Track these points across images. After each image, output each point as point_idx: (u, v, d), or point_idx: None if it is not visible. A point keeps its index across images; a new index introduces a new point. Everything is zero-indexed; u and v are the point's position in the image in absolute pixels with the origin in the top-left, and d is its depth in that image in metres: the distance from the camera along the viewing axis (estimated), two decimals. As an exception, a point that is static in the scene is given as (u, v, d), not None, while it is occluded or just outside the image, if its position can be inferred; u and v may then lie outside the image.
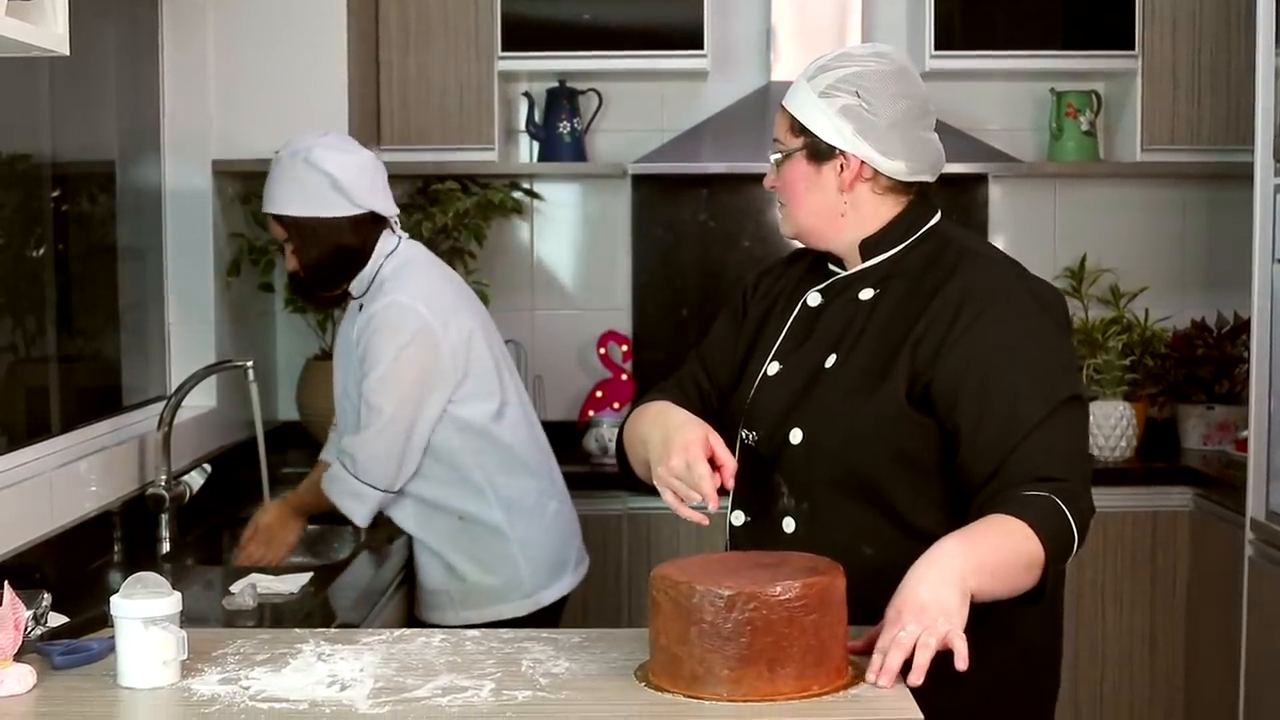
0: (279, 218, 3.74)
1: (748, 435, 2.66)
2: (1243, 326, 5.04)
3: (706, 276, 5.46)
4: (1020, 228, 5.45)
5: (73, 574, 3.39)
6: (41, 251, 3.68)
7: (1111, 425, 5.03)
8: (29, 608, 2.41)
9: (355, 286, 3.81)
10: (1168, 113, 5.07)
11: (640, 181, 5.41)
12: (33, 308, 3.63)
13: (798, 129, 2.63)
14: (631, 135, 5.36)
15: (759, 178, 5.23)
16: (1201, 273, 5.44)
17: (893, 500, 2.54)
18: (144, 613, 2.25)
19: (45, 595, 2.53)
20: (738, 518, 2.68)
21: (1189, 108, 5.04)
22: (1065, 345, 2.59)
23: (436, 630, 2.55)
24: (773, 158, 2.68)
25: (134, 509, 3.77)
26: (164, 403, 3.95)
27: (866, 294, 2.64)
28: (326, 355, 4.91)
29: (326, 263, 3.75)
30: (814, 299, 2.71)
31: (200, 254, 4.55)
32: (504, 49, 5.01)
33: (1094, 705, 4.92)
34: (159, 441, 3.85)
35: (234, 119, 4.54)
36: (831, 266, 2.73)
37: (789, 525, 2.58)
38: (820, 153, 2.62)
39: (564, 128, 5.27)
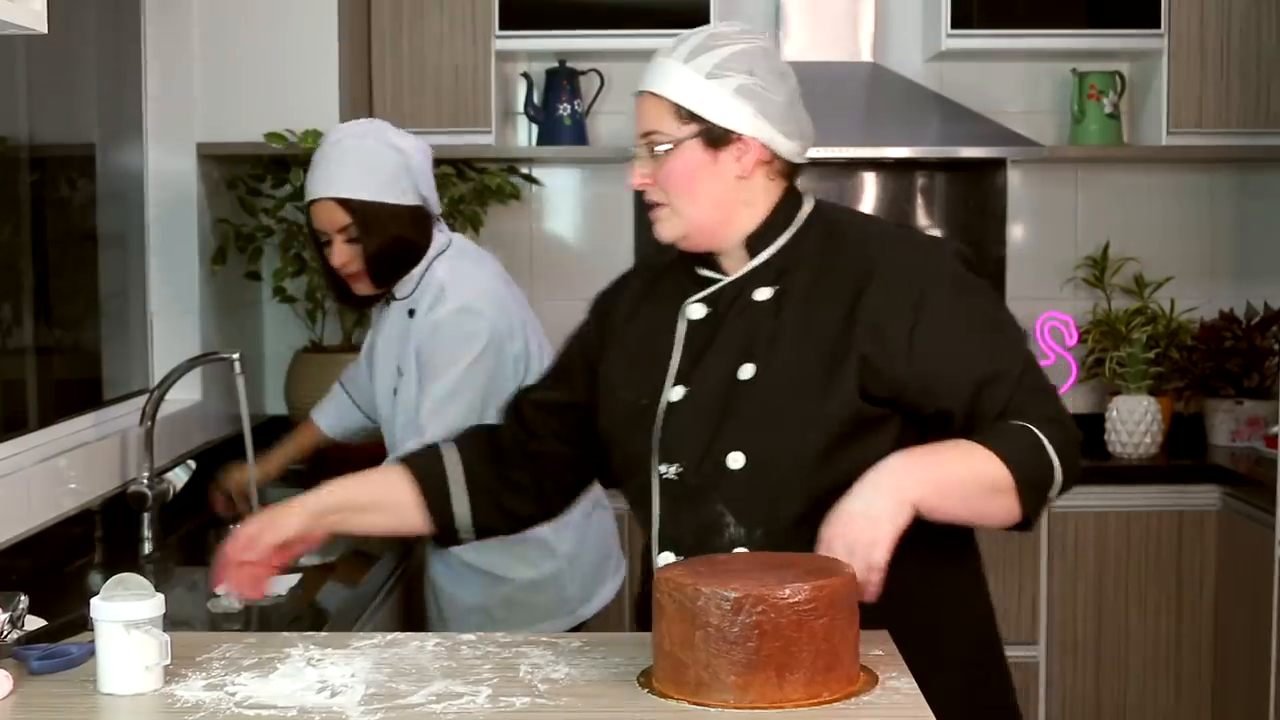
0: (344, 202, 3.61)
1: (667, 469, 2.53)
2: (1273, 317, 5.07)
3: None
4: (1040, 214, 5.44)
5: (51, 575, 3.38)
6: (19, 238, 3.66)
7: (1136, 420, 4.98)
8: (5, 610, 2.42)
9: (400, 287, 3.71)
10: (1195, 94, 5.03)
11: (644, 166, 5.28)
12: (9, 297, 3.61)
13: (685, 115, 2.46)
14: (634, 118, 5.19)
15: (767, 162, 5.27)
16: (1230, 261, 5.40)
17: None
18: (125, 615, 2.22)
19: (22, 597, 2.49)
20: (667, 560, 2.53)
21: (1217, 89, 5.01)
22: (996, 295, 2.65)
23: (430, 634, 2.53)
24: (659, 149, 2.48)
25: (115, 507, 3.76)
26: (146, 396, 3.94)
27: (763, 294, 2.53)
28: (316, 347, 4.93)
29: (387, 255, 3.65)
30: (697, 311, 2.57)
31: (184, 241, 4.53)
32: (501, 28, 4.97)
33: (1118, 713, 4.88)
34: (141, 437, 3.83)
35: (220, 101, 4.53)
36: (703, 272, 2.59)
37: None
38: (717, 138, 2.48)
39: (564, 110, 5.23)
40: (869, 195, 5.37)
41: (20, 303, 3.65)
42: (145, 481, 3.78)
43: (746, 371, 2.49)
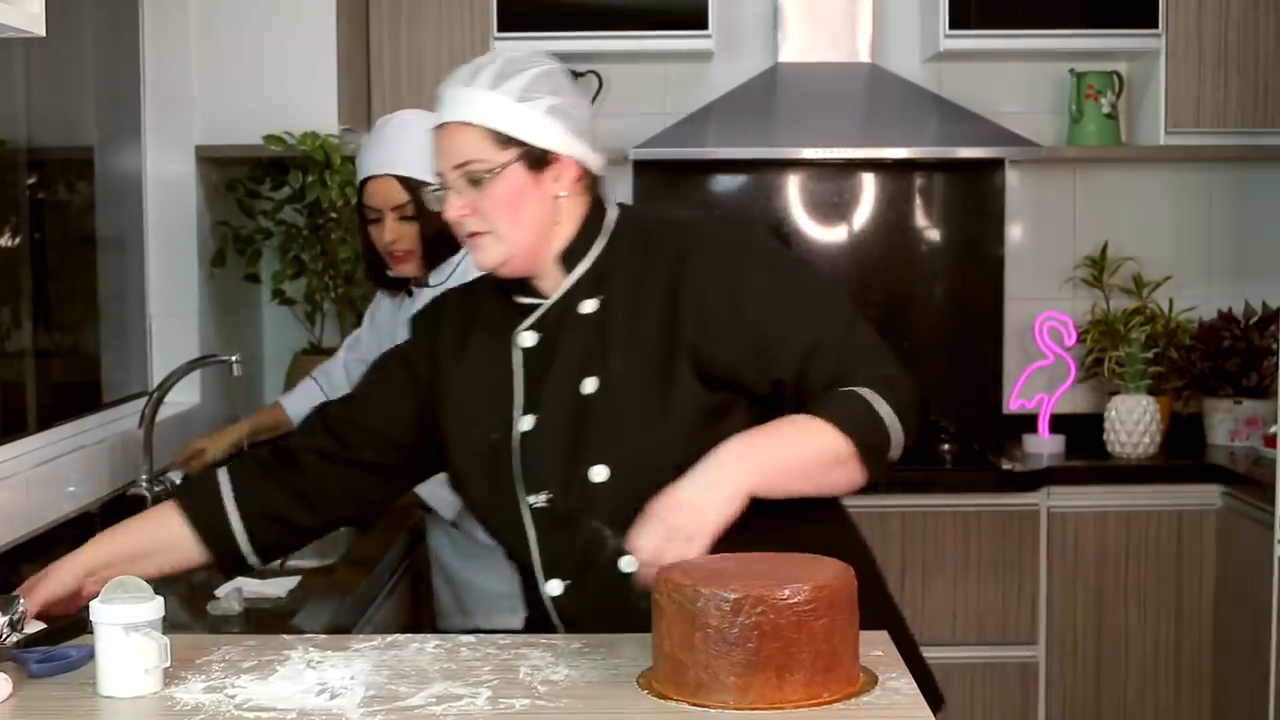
0: (405, 180, 3.62)
1: (536, 499, 2.54)
2: (1271, 317, 5.05)
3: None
4: (1039, 215, 5.43)
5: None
6: (17, 241, 3.63)
7: (1135, 420, 4.99)
8: (4, 613, 2.39)
9: (436, 273, 3.72)
10: (1193, 94, 5.02)
11: (643, 167, 5.35)
12: (8, 300, 3.58)
13: (504, 140, 2.47)
14: (633, 119, 5.28)
15: (766, 163, 5.30)
16: (1228, 261, 5.40)
17: None
18: (125, 618, 2.21)
19: (22, 600, 2.47)
20: (555, 587, 2.55)
21: (1215, 89, 5.00)
22: (812, 266, 2.72)
23: (430, 636, 2.52)
24: (482, 176, 2.48)
25: (114, 510, 3.70)
26: (145, 399, 3.91)
27: (588, 306, 2.55)
28: (315, 349, 4.89)
29: (446, 236, 3.62)
30: (528, 339, 2.58)
31: (183, 244, 4.52)
32: (500, 29, 4.96)
33: (1117, 713, 4.87)
34: (140, 439, 3.81)
35: (218, 102, 4.51)
36: (521, 299, 2.60)
37: (629, 564, 2.43)
38: (537, 160, 2.50)
39: None
40: (867, 196, 5.37)
41: (19, 306, 3.63)
42: (144, 484, 3.76)
43: (589, 386, 2.51)
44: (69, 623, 2.49)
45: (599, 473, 2.49)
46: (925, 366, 5.37)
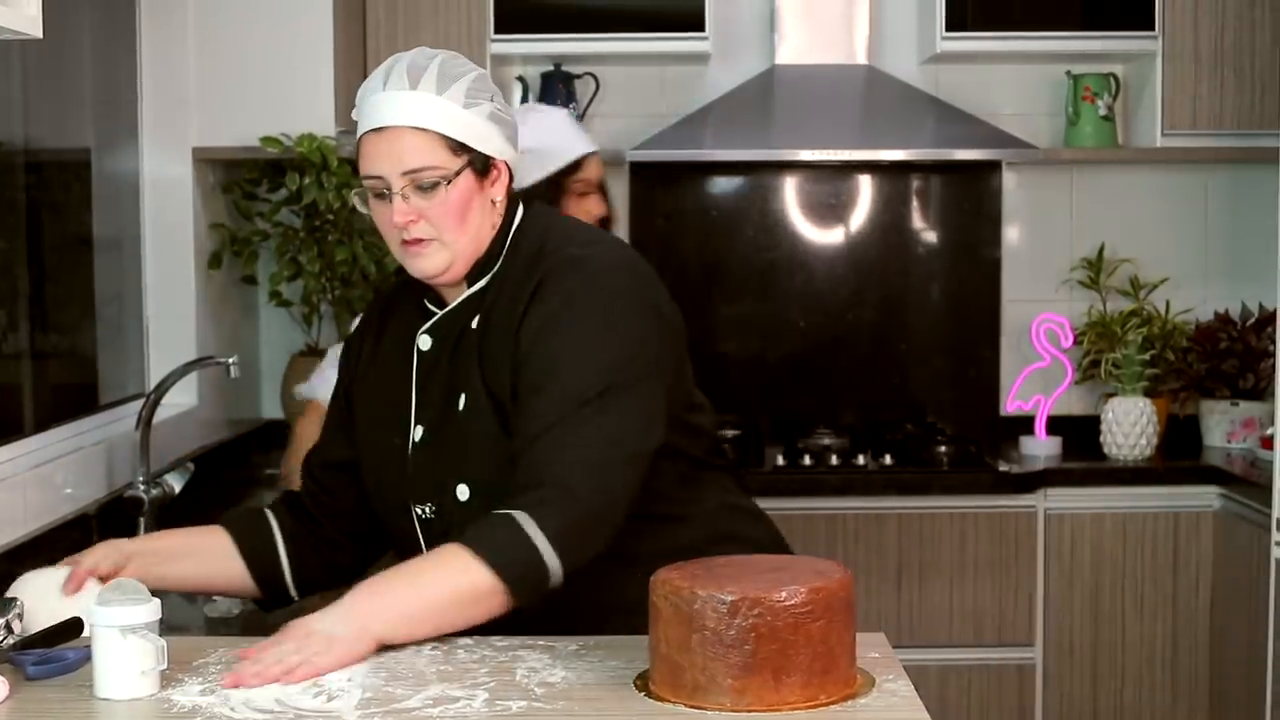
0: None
1: (424, 510, 2.56)
2: (1268, 318, 5.03)
3: (708, 268, 5.39)
4: (1035, 217, 5.42)
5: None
6: (14, 243, 3.62)
7: (1131, 422, 4.98)
8: (1, 615, 2.39)
9: None
10: (1189, 96, 5.01)
11: (639, 169, 5.34)
12: (4, 302, 3.58)
13: (455, 147, 2.48)
14: (630, 121, 5.30)
15: (763, 165, 5.30)
16: (1225, 263, 5.39)
17: None
18: (122, 620, 2.21)
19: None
20: None
21: (1211, 90, 4.99)
22: (606, 340, 2.47)
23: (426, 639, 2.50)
24: (436, 184, 2.48)
25: (111, 512, 3.71)
26: (142, 400, 3.89)
27: (475, 322, 2.56)
28: (312, 351, 4.89)
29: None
30: (425, 342, 2.60)
31: (180, 245, 4.50)
32: (496, 31, 4.95)
33: (1115, 714, 4.87)
34: (137, 441, 3.79)
35: (215, 105, 4.50)
36: (427, 304, 2.62)
37: None
38: (482, 167, 2.53)
39: None
40: (864, 198, 5.36)
41: (16, 307, 3.62)
42: (141, 486, 3.74)
43: (461, 401, 2.52)
44: (65, 624, 2.48)
45: (463, 491, 2.51)
46: (922, 368, 5.38)
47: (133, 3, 4.36)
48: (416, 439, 2.56)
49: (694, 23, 4.95)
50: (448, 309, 2.58)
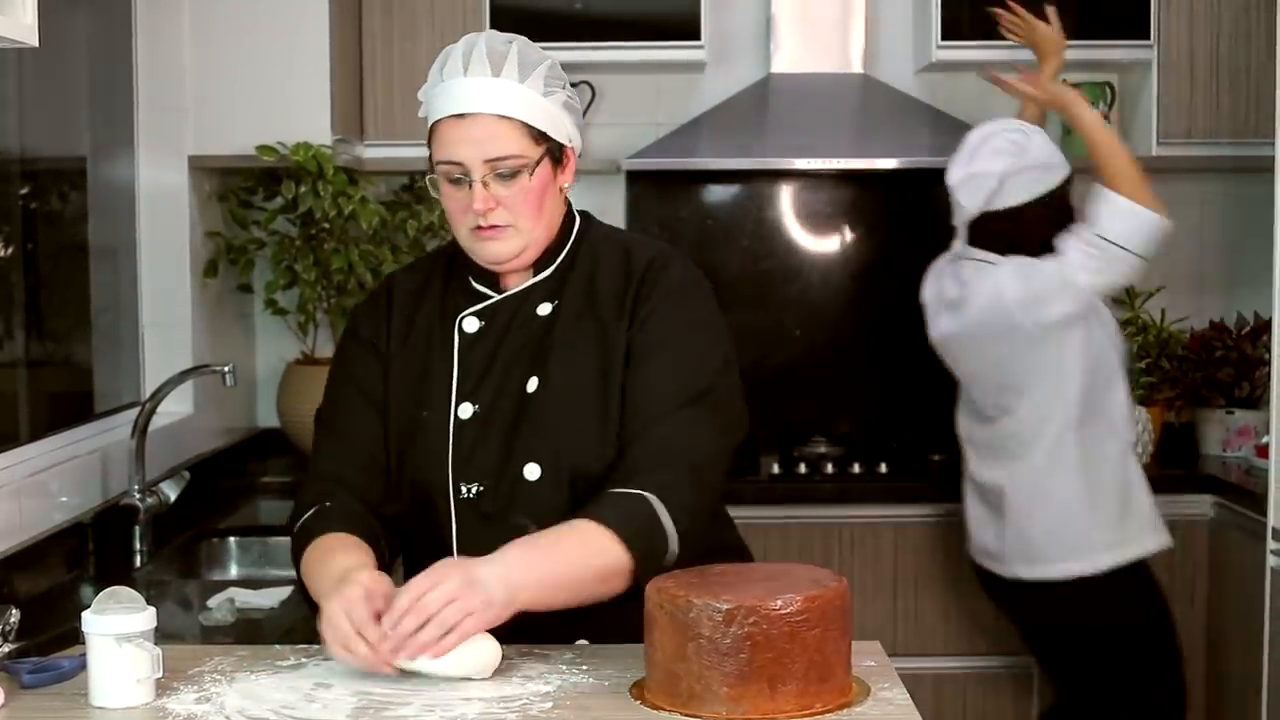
0: None
1: (469, 490, 2.53)
2: (1263, 327, 5.00)
3: (704, 276, 5.31)
4: (1030, 226, 5.32)
5: (43, 589, 3.34)
6: (9, 251, 3.64)
7: (1127, 430, 4.90)
8: None
9: None
10: (1184, 105, 5.01)
11: (635, 178, 5.34)
12: (0, 310, 3.59)
13: (536, 135, 2.50)
14: (625, 129, 5.30)
15: (759, 174, 5.29)
16: (1220, 271, 5.39)
17: None
18: (117, 629, 2.22)
19: (13, 611, 2.50)
20: None
21: (1207, 100, 4.98)
22: (715, 336, 2.59)
23: None
24: (518, 172, 2.48)
25: (107, 520, 3.73)
26: (138, 409, 3.91)
27: (545, 309, 2.57)
28: (308, 359, 4.91)
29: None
30: (471, 324, 2.59)
31: (176, 253, 4.50)
32: (493, 40, 4.86)
33: (1111, 722, 4.78)
34: (132, 450, 3.81)
35: (211, 113, 4.50)
36: (480, 287, 2.61)
37: None
38: (557, 156, 2.55)
39: None
40: (860, 207, 5.36)
41: (11, 316, 3.62)
42: (137, 494, 3.76)
43: (533, 384, 2.52)
44: (61, 633, 2.49)
45: (531, 470, 2.49)
46: (918, 377, 5.36)
47: (128, 11, 4.36)
48: (464, 416, 2.54)
49: (690, 31, 4.95)
50: (511, 293, 2.58)
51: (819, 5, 5.11)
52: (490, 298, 2.59)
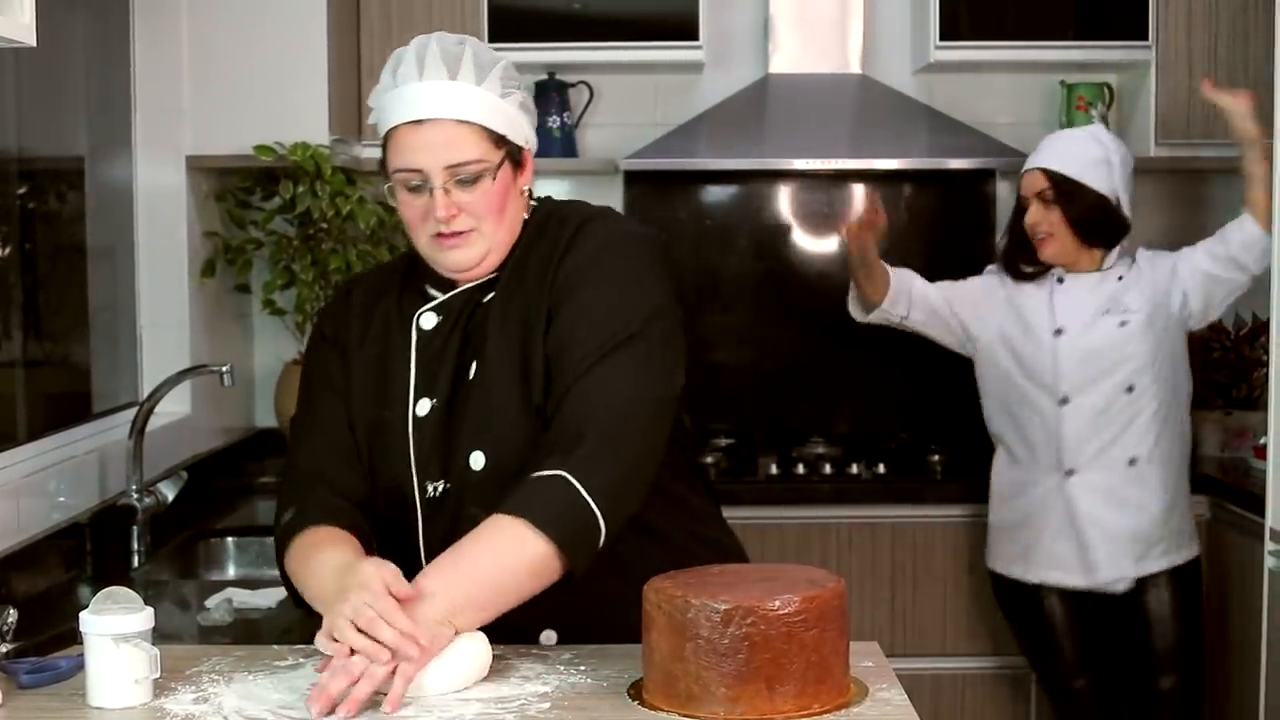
0: (1049, 173, 4.32)
1: (434, 489, 2.50)
2: (1261, 328, 4.99)
3: (702, 277, 5.38)
4: (1028, 226, 5.32)
5: (40, 589, 3.33)
6: (7, 251, 3.63)
7: (1125, 430, 4.89)
8: None
9: (1109, 260, 4.43)
10: (1183, 106, 5.00)
11: (633, 178, 5.34)
12: None
13: (495, 139, 2.46)
14: (624, 130, 5.30)
15: (757, 174, 5.29)
16: None
17: None
18: (115, 629, 2.22)
19: (11, 611, 2.50)
20: None
21: (1205, 100, 4.89)
22: (642, 284, 2.49)
23: None
24: (478, 177, 2.45)
25: (105, 521, 3.72)
26: (136, 409, 3.91)
27: (489, 296, 2.53)
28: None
29: (1092, 220, 4.34)
30: (428, 320, 2.55)
31: (174, 254, 4.49)
32: (490, 40, 4.89)
33: (1109, 722, 4.78)
34: (130, 450, 3.81)
35: (209, 113, 4.49)
36: (431, 290, 2.58)
37: None
38: (516, 159, 2.52)
39: (553, 122, 5.18)
40: (858, 207, 5.36)
41: (9, 316, 3.62)
42: (135, 494, 3.76)
43: (474, 370, 2.48)
44: (59, 633, 2.49)
45: (477, 459, 2.45)
46: (916, 377, 5.37)
47: (126, 11, 4.35)
48: (421, 414, 2.50)
49: (688, 32, 4.94)
50: (462, 289, 2.54)
51: (817, 6, 5.11)
52: (438, 297, 2.56)
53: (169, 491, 3.85)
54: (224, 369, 3.89)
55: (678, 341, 2.50)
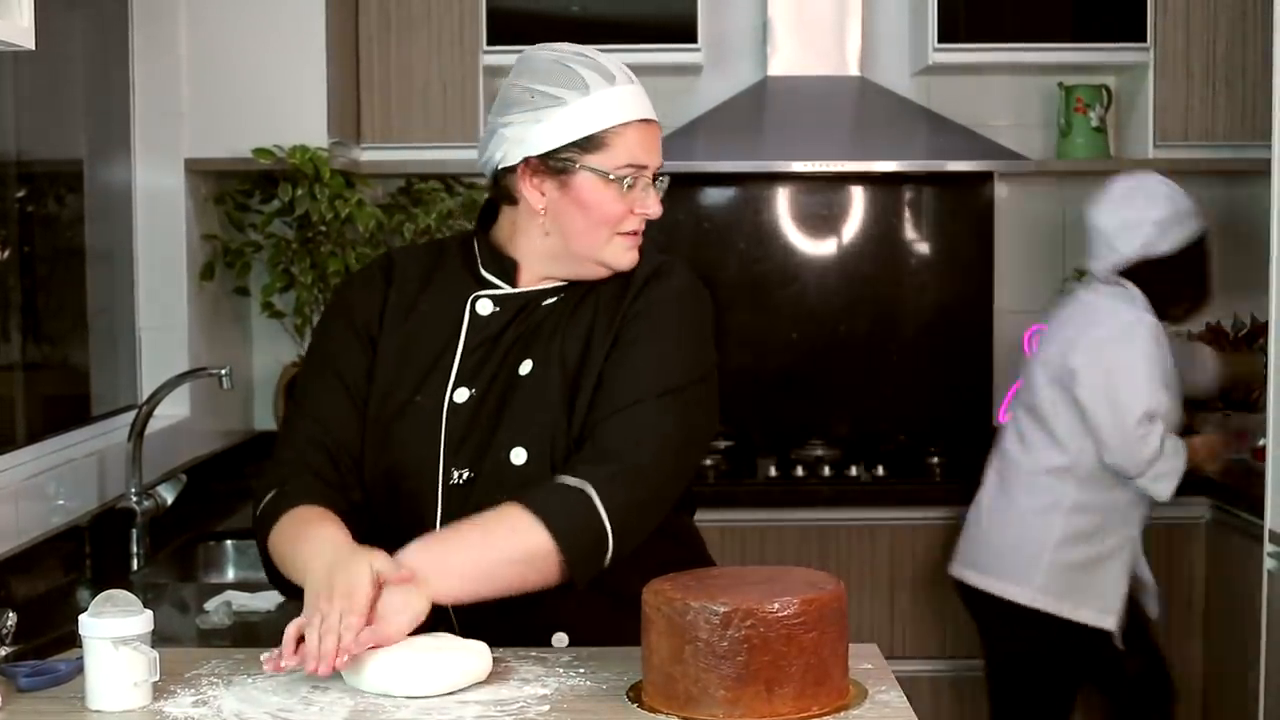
0: None
1: (459, 476, 2.49)
2: (1260, 330, 5.01)
3: (701, 280, 5.30)
4: (1027, 227, 5.43)
5: (40, 592, 3.33)
6: (6, 254, 3.62)
7: (1124, 433, 4.89)
8: None
9: None
10: (1181, 107, 5.02)
11: (632, 181, 5.26)
12: None
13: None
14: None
15: (755, 176, 5.30)
16: (1216, 274, 5.27)
17: None
18: (114, 632, 2.21)
19: (10, 614, 2.51)
20: None
21: (1203, 102, 4.99)
22: (701, 344, 2.57)
23: None
24: (661, 181, 2.56)
25: (104, 524, 3.72)
26: (135, 412, 3.91)
27: (550, 300, 2.56)
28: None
29: None
30: (485, 306, 2.55)
31: (172, 257, 4.49)
32: (489, 42, 4.96)
33: (1108, 724, 4.78)
34: (129, 453, 3.81)
35: (207, 115, 4.49)
36: (490, 277, 2.58)
37: None
38: None
39: None
40: (856, 209, 5.37)
41: (8, 319, 3.61)
42: (134, 497, 3.75)
43: (525, 368, 2.50)
44: (58, 636, 2.49)
45: (519, 455, 2.46)
46: (914, 379, 5.37)
47: (125, 14, 4.35)
48: (458, 400, 2.49)
49: (686, 34, 4.96)
50: (522, 290, 2.55)
51: (815, 8, 5.11)
52: (501, 286, 2.56)
53: (168, 494, 3.85)
54: (223, 371, 3.89)
55: (714, 404, 2.57)
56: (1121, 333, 4.22)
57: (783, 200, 5.38)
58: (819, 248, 5.39)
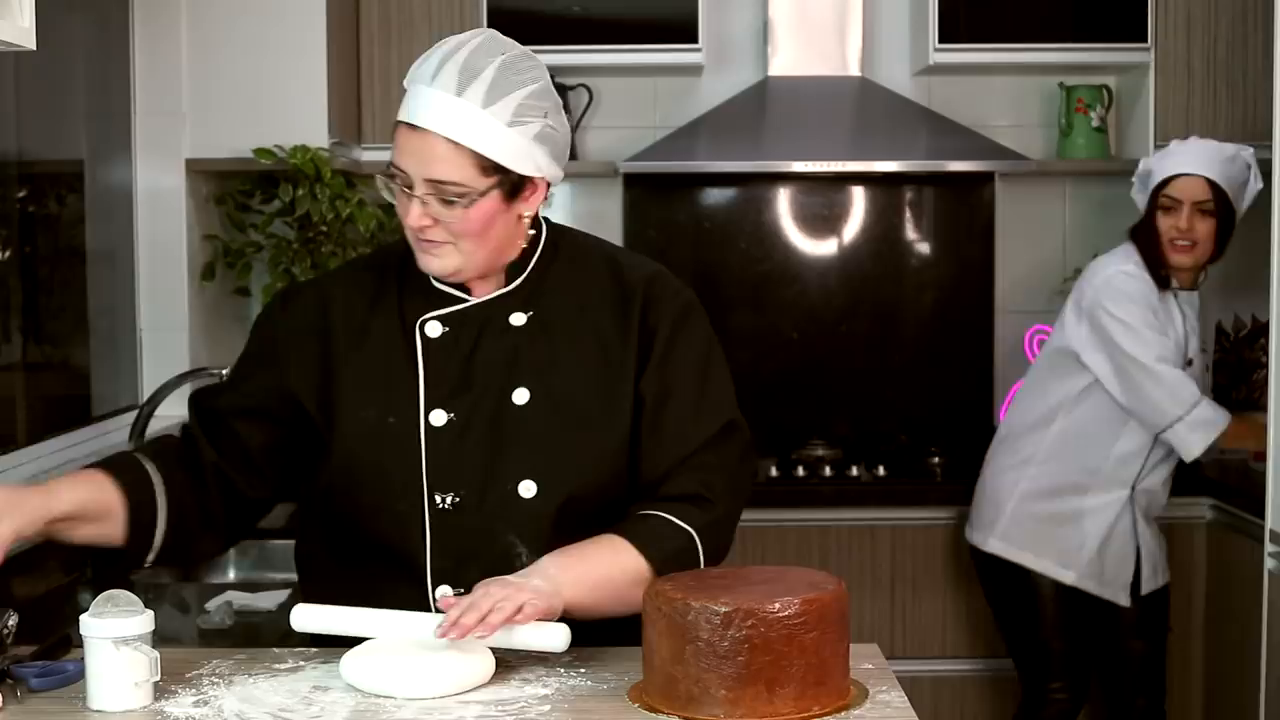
0: (1212, 183, 4.36)
1: (444, 499, 2.45)
2: (1260, 330, 5.03)
3: (701, 279, 5.36)
4: (1028, 228, 5.42)
5: (40, 592, 3.32)
6: (6, 254, 3.62)
7: (1124, 433, 4.89)
8: None
9: None
10: (1182, 108, 5.01)
11: (632, 181, 5.34)
12: None
13: (488, 166, 2.34)
14: (623, 132, 5.31)
15: (756, 176, 5.30)
16: (1217, 275, 5.28)
17: None
18: (115, 632, 2.22)
19: (11, 614, 2.48)
20: (445, 593, 2.39)
21: (1204, 103, 4.99)
22: (722, 359, 2.62)
23: None
24: (456, 200, 2.35)
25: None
26: (136, 413, 3.93)
27: (519, 319, 2.49)
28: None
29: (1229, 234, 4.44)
30: (433, 329, 2.49)
31: (173, 257, 4.49)
32: (490, 42, 4.86)
33: (1109, 724, 4.78)
34: (130, 453, 3.74)
35: (208, 116, 4.49)
36: (444, 287, 2.51)
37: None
38: (515, 188, 2.40)
39: None
40: (857, 209, 5.37)
41: (9, 319, 3.61)
42: (134, 498, 3.76)
43: (521, 396, 2.45)
44: (57, 639, 2.47)
45: (527, 488, 2.43)
46: (915, 379, 5.37)
47: (126, 15, 4.35)
48: (435, 423, 2.45)
49: (687, 34, 4.95)
50: (475, 302, 2.49)
51: (816, 8, 5.12)
52: (454, 301, 2.50)
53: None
54: (223, 372, 3.84)
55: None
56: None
57: (783, 200, 5.38)
58: (820, 248, 5.39)
